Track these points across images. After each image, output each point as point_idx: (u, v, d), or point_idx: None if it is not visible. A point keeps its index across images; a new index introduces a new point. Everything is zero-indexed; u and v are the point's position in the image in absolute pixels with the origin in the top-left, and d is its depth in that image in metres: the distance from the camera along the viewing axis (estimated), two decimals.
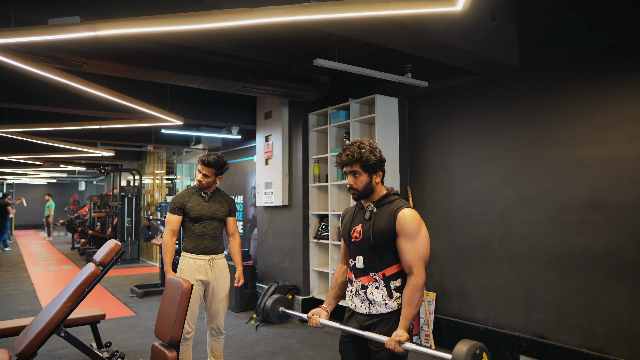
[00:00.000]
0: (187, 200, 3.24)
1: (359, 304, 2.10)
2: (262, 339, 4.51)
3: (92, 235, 11.70)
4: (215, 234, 3.28)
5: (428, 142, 4.46)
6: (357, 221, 2.14)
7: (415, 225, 1.98)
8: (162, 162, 10.52)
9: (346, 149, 2.07)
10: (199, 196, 3.27)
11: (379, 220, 2.04)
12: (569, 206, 3.37)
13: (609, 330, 3.14)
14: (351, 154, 2.04)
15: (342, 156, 2.08)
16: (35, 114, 6.05)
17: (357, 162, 2.04)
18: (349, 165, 2.06)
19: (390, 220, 2.00)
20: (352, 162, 2.04)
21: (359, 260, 2.08)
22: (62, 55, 3.37)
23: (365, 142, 2.08)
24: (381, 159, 2.08)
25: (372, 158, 2.04)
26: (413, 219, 1.99)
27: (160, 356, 2.28)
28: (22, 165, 11.67)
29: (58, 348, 4.18)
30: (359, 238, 2.08)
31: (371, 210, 2.08)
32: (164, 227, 3.30)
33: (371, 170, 2.06)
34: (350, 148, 2.06)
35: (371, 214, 2.07)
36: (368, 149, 2.04)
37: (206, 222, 3.24)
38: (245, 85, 4.38)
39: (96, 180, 21.32)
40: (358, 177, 2.06)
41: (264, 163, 5.81)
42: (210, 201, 3.29)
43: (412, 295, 1.94)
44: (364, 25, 2.83)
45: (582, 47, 3.26)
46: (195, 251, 3.21)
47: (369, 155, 2.03)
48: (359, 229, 2.10)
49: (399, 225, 1.98)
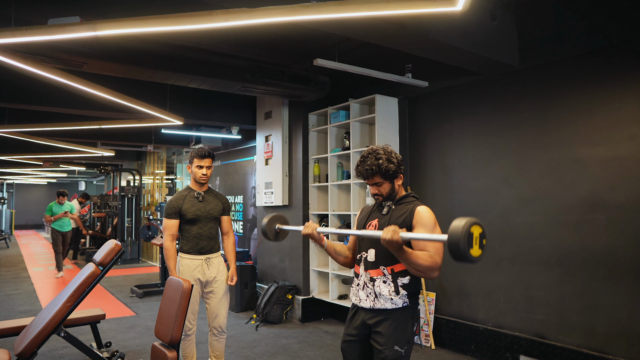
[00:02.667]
0: (182, 203, 3.21)
1: (363, 298, 2.11)
2: (262, 339, 4.51)
3: (92, 235, 11.70)
4: (211, 233, 3.28)
5: (428, 142, 4.46)
6: (373, 216, 2.19)
7: (432, 221, 2.03)
8: (162, 162, 10.52)
9: (364, 161, 2.07)
10: (193, 197, 3.25)
11: (395, 214, 2.09)
12: (569, 206, 3.37)
13: (609, 330, 3.14)
14: (369, 167, 2.04)
15: (360, 169, 2.08)
16: (35, 114, 6.05)
17: (377, 174, 2.05)
18: (370, 178, 2.08)
19: (407, 214, 2.05)
20: (371, 175, 2.06)
21: (371, 253, 2.11)
22: (62, 55, 3.37)
23: (380, 150, 2.07)
24: (399, 163, 2.09)
25: (391, 167, 2.05)
26: (430, 216, 2.04)
27: (160, 356, 2.28)
28: (22, 165, 11.67)
29: (58, 348, 4.18)
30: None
31: (389, 206, 2.13)
32: (163, 233, 3.28)
33: (392, 177, 2.08)
34: (368, 160, 2.06)
35: (389, 209, 2.12)
36: (385, 158, 2.04)
37: (202, 222, 3.24)
38: (245, 85, 4.38)
39: (96, 180, 21.32)
40: (381, 185, 2.09)
41: (264, 163, 5.81)
42: (205, 201, 3.27)
43: (423, 253, 1.89)
44: (364, 25, 2.83)
45: (582, 47, 3.26)
46: (192, 252, 3.22)
47: (387, 165, 2.04)
48: (375, 222, 2.15)
49: (416, 217, 2.02)
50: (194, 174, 3.25)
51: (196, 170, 3.24)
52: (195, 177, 3.26)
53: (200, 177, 3.24)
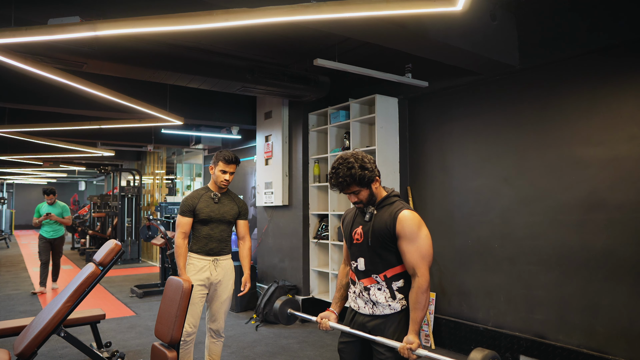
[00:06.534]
0: (198, 201, 3.13)
1: (362, 305, 2.09)
2: (262, 339, 4.51)
3: (92, 235, 11.70)
4: (222, 236, 3.19)
5: (428, 142, 4.46)
6: (357, 223, 2.13)
7: (415, 227, 1.96)
8: (162, 162, 10.52)
9: (336, 173, 1.98)
10: (209, 198, 3.17)
11: (378, 221, 2.03)
12: (569, 206, 3.37)
13: (609, 330, 3.14)
14: (343, 179, 1.96)
15: (333, 182, 2.00)
16: (35, 114, 6.05)
17: (352, 184, 1.98)
18: (346, 189, 2.01)
19: (389, 221, 1.99)
20: (347, 186, 1.99)
21: (361, 262, 2.08)
22: (62, 55, 3.37)
23: (350, 159, 1.98)
24: (372, 168, 2.01)
25: (366, 173, 1.97)
26: (413, 220, 1.96)
27: (160, 356, 2.28)
28: (22, 165, 11.67)
29: (58, 348, 4.18)
30: (360, 240, 2.08)
31: (371, 212, 2.06)
32: (175, 230, 3.22)
33: (369, 183, 2.01)
34: (340, 172, 1.97)
35: (371, 216, 2.06)
36: (357, 166, 1.96)
37: (214, 224, 3.16)
38: (245, 85, 4.38)
39: (96, 180, 21.32)
40: (359, 193, 2.03)
41: (264, 163, 5.81)
42: (220, 203, 3.19)
43: (418, 297, 1.94)
44: (364, 25, 2.83)
45: (582, 47, 3.26)
46: (200, 252, 3.15)
47: (361, 173, 1.96)
48: (360, 230, 2.09)
49: (399, 227, 1.96)
50: (216, 177, 3.16)
51: (219, 174, 3.15)
52: (217, 181, 3.17)
53: (222, 182, 3.16)
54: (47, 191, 6.91)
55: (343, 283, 2.30)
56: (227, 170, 3.14)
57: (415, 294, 1.94)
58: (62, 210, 6.97)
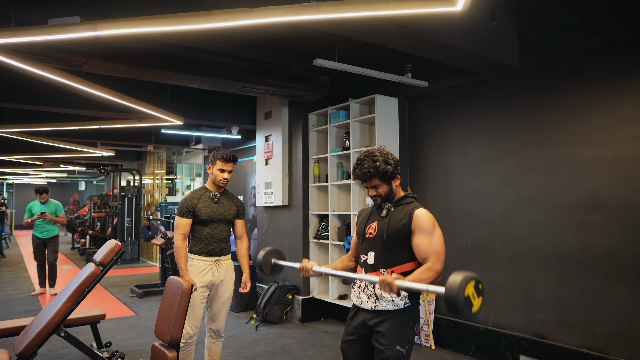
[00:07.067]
0: (197, 202, 3.11)
1: (365, 299, 2.12)
2: (262, 339, 4.51)
3: (92, 235, 11.70)
4: (222, 236, 3.18)
5: (428, 142, 4.46)
6: (373, 219, 2.19)
7: (430, 223, 2.03)
8: (162, 162, 10.53)
9: (361, 164, 2.07)
10: (208, 198, 3.15)
11: (394, 217, 2.09)
12: (569, 206, 3.37)
13: (609, 330, 3.14)
14: (367, 170, 2.05)
15: (357, 172, 2.08)
16: (35, 114, 6.05)
17: (375, 176, 2.06)
18: (368, 181, 2.08)
19: (406, 218, 2.05)
20: (369, 177, 2.07)
21: (371, 256, 2.12)
22: (62, 55, 3.37)
23: (376, 152, 2.08)
24: (396, 164, 2.10)
25: (389, 168, 2.06)
26: (429, 218, 2.04)
27: (160, 356, 2.28)
28: (22, 165, 11.67)
29: (58, 348, 4.18)
30: (373, 234, 2.13)
31: (388, 209, 2.13)
32: (174, 231, 3.19)
33: (390, 178, 2.09)
34: (365, 163, 2.06)
35: (388, 212, 2.13)
36: (382, 160, 2.05)
37: (215, 224, 3.14)
38: (245, 85, 4.38)
39: (96, 180, 21.34)
40: (379, 187, 2.10)
41: (264, 163, 5.81)
42: (220, 203, 3.18)
43: (423, 270, 1.93)
44: (364, 25, 2.83)
45: (582, 47, 3.26)
46: (201, 253, 3.12)
47: (385, 167, 2.05)
48: (375, 225, 2.15)
49: (415, 222, 2.02)
50: (215, 176, 3.14)
51: (217, 173, 3.14)
52: (215, 180, 3.15)
53: (221, 181, 3.14)
54: (39, 190, 6.74)
55: (338, 262, 2.31)
56: (225, 168, 3.14)
57: (424, 267, 1.93)
58: (55, 209, 6.79)
